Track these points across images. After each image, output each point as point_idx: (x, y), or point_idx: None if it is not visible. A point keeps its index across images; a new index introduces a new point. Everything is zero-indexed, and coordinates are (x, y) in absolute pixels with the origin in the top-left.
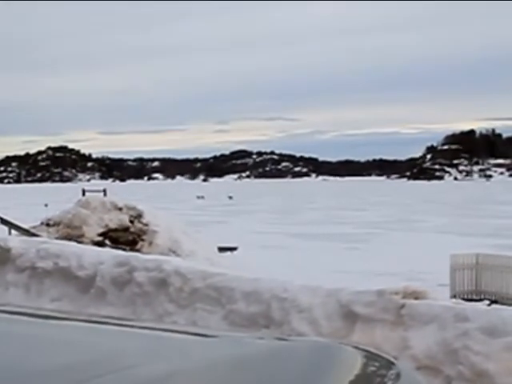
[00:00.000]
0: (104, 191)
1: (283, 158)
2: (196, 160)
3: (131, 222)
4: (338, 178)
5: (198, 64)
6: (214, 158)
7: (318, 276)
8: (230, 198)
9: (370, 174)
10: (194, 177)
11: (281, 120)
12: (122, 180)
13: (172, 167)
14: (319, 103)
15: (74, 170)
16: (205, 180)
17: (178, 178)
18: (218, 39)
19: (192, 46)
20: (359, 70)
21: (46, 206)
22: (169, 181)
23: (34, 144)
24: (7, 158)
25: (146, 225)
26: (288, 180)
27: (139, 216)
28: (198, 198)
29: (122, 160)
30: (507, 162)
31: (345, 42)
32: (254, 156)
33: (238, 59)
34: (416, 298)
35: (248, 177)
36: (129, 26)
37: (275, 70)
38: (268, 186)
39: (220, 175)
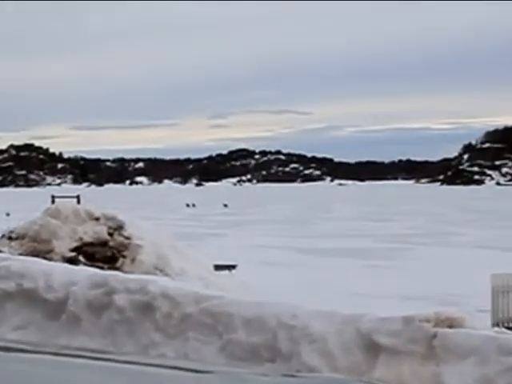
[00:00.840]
0: (77, 198)
1: (291, 158)
2: (188, 161)
3: (110, 234)
4: (357, 183)
5: (188, 47)
6: (210, 158)
7: (333, 299)
8: (225, 205)
9: (395, 178)
10: (185, 181)
11: (288, 113)
12: (100, 184)
13: (159, 169)
14: (334, 94)
15: (41, 173)
16: (198, 184)
17: (166, 182)
18: (215, 17)
19: (183, 24)
20: (380, 55)
21: (7, 215)
22: (155, 185)
23: None
24: None
25: (128, 238)
26: (297, 185)
27: (120, 228)
28: (188, 206)
29: (98, 160)
30: None
31: (361, 23)
32: (257, 156)
33: (238, 41)
34: (450, 327)
35: (249, 181)
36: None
37: (281, 54)
38: (273, 191)
39: (216, 179)
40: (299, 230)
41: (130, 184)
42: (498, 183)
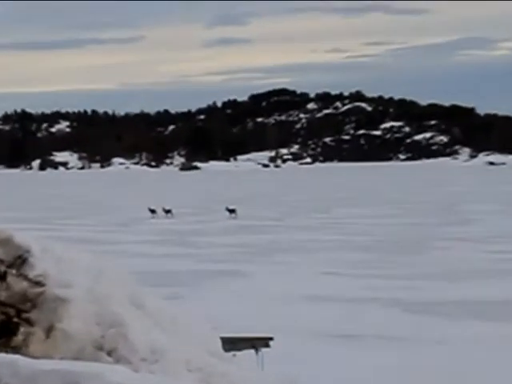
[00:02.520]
0: None
1: (385, 108)
2: (165, 118)
3: (0, 276)
4: None
5: None
6: (211, 111)
7: None
8: (231, 211)
9: None
10: (158, 159)
11: (376, 12)
12: None
13: (102, 137)
14: None
15: None
16: (187, 167)
17: (119, 162)
18: None
19: None
20: None
21: None
22: (94, 170)
23: None
24: None
25: (39, 284)
26: (399, 164)
27: (20, 262)
28: (153, 212)
29: None
30: None
31: None
32: (311, 106)
33: None
34: None
35: (296, 157)
36: None
37: None
38: (348, 178)
39: (226, 155)
40: (407, 265)
41: (42, 167)
42: None
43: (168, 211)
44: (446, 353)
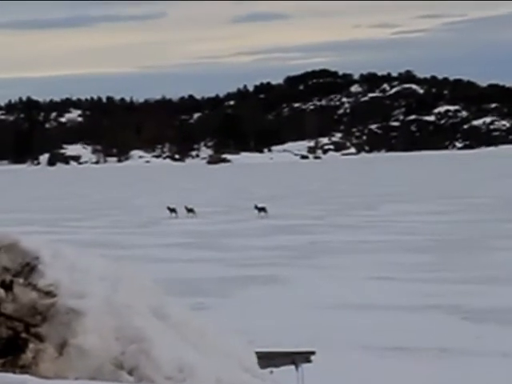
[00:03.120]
0: None
1: (441, 89)
2: (189, 105)
3: (5, 286)
4: None
5: None
6: (242, 96)
7: None
8: (261, 210)
9: None
10: (182, 151)
11: None
12: None
13: (120, 127)
14: None
15: None
16: (215, 160)
17: (139, 155)
18: None
19: None
20: None
21: None
22: (111, 165)
23: None
24: None
25: (50, 294)
26: (457, 153)
27: (28, 269)
28: (172, 211)
29: None
30: None
31: None
32: (356, 88)
33: None
34: None
35: (338, 146)
36: None
37: None
38: (400, 171)
39: (260, 145)
40: (466, 268)
41: (51, 162)
42: None
43: (190, 210)
44: None
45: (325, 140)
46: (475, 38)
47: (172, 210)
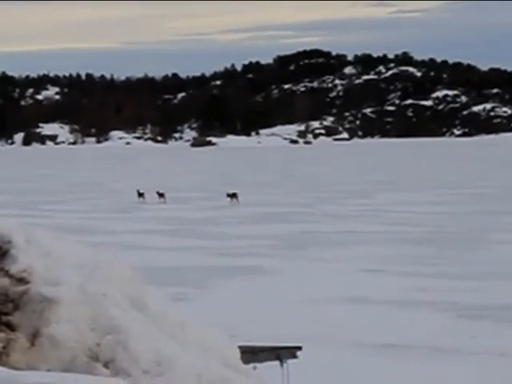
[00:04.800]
0: None
1: (439, 72)
2: (174, 84)
3: None
4: None
5: None
6: (229, 76)
7: None
8: (232, 196)
9: None
10: (165, 133)
11: None
12: None
13: (100, 105)
14: None
15: None
16: (200, 143)
17: (116, 135)
18: None
19: None
20: None
21: None
22: (89, 145)
23: None
24: None
25: (22, 280)
26: (456, 140)
27: (0, 253)
28: (140, 196)
29: None
30: None
31: None
32: (349, 70)
33: None
34: None
35: (330, 131)
36: None
37: None
38: (389, 156)
39: (247, 128)
40: (463, 262)
41: (26, 142)
42: None
43: (161, 195)
44: (510, 366)
45: (316, 124)
46: (476, 20)
47: (140, 195)
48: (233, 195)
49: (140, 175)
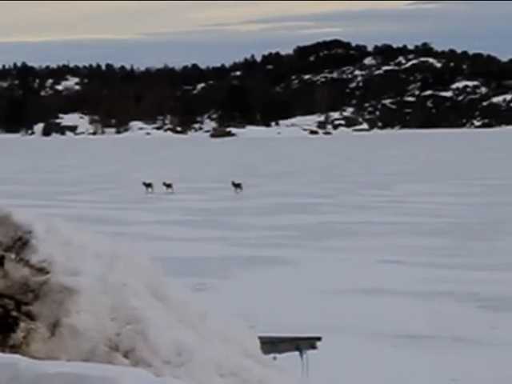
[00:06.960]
0: None
1: (459, 63)
2: (192, 75)
3: None
4: None
5: None
6: (248, 66)
7: None
8: (236, 186)
9: None
10: (185, 123)
11: None
12: None
13: (117, 95)
14: None
15: None
16: (219, 133)
17: (136, 125)
18: None
19: None
20: None
21: None
22: (108, 136)
23: None
24: None
25: (43, 270)
26: (476, 131)
27: (20, 244)
28: (148, 187)
29: None
30: None
31: None
32: (369, 60)
33: None
34: None
35: (349, 122)
36: None
37: None
38: (408, 147)
39: (266, 119)
40: (484, 253)
41: (46, 132)
42: None
43: (168, 186)
44: None
45: (336, 115)
46: (497, 10)
47: (148, 186)
48: (237, 185)
49: (160, 165)
